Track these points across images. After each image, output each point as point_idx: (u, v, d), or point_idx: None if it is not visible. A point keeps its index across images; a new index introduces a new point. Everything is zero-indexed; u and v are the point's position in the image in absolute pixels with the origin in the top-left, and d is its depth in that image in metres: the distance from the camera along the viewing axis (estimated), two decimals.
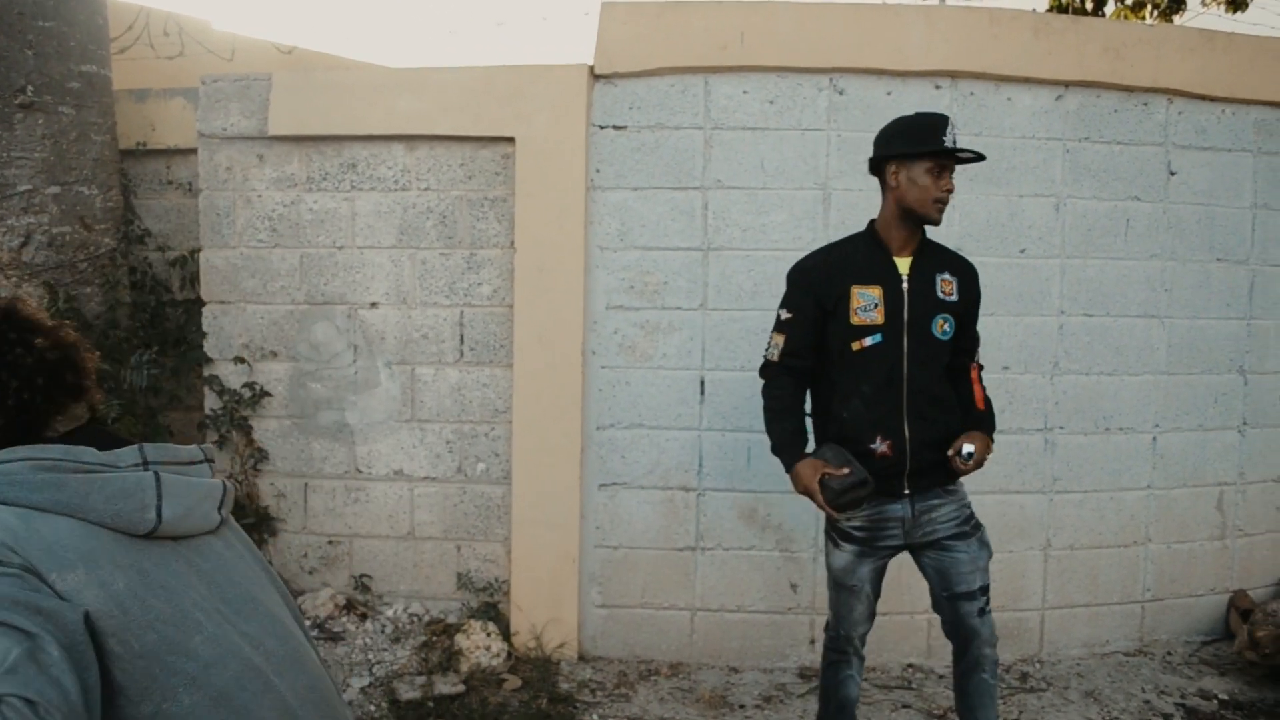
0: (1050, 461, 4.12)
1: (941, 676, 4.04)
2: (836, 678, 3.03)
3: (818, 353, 2.87)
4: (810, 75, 3.99)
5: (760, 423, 3.94)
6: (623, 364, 4.02)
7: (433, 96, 4.07)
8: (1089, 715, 3.75)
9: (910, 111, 3.94)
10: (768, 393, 2.94)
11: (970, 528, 2.90)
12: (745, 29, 3.94)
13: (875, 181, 3.96)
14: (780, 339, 2.88)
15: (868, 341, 2.80)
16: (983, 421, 2.94)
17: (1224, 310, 4.29)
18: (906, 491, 2.83)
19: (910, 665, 4.11)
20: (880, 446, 2.79)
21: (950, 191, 2.83)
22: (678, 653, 4.05)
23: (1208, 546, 4.38)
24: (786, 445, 2.85)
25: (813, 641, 4.07)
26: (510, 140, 4.05)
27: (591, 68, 4.01)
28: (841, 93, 4.00)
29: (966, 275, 2.97)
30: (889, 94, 4.01)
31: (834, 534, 2.92)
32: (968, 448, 2.80)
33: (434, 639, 3.88)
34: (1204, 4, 8.41)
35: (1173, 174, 4.18)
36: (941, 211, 2.84)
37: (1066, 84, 4.07)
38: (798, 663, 4.08)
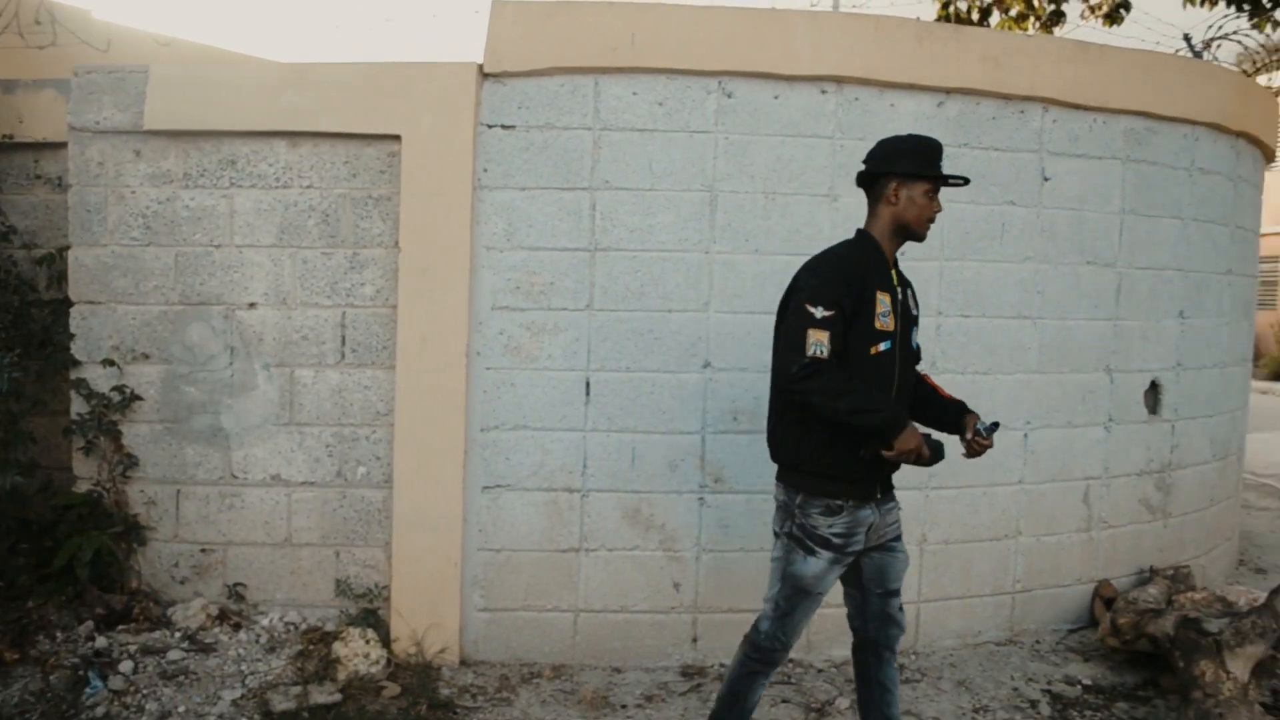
0: None
1: (820, 670, 4.15)
2: (752, 685, 3.06)
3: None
4: (699, 78, 4.01)
5: (644, 423, 4.02)
6: (508, 365, 4.00)
7: (316, 92, 3.97)
8: (960, 704, 3.89)
9: (797, 114, 4.03)
10: (830, 385, 2.71)
11: (900, 527, 3.08)
12: (636, 30, 3.94)
13: (760, 184, 4.04)
14: (825, 335, 2.73)
15: (882, 347, 2.85)
16: (964, 405, 3.07)
17: (1092, 311, 4.47)
18: (878, 496, 2.95)
19: (790, 660, 4.21)
20: (868, 454, 2.83)
21: (939, 212, 2.96)
22: (561, 655, 4.08)
23: (1075, 538, 4.57)
24: (890, 410, 2.75)
25: (695, 640, 4.14)
26: (396, 138, 3.98)
27: (481, 66, 3.96)
28: (730, 96, 4.03)
29: (914, 290, 3.12)
30: (776, 98, 4.05)
31: (809, 542, 2.89)
32: (983, 424, 2.93)
33: (311, 648, 3.83)
34: (1083, 17, 8.69)
35: (1047, 180, 4.32)
36: (928, 231, 2.98)
37: (948, 91, 4.17)
38: (680, 661, 4.15)
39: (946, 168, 4.09)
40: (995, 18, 8.89)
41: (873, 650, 3.12)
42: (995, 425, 2.93)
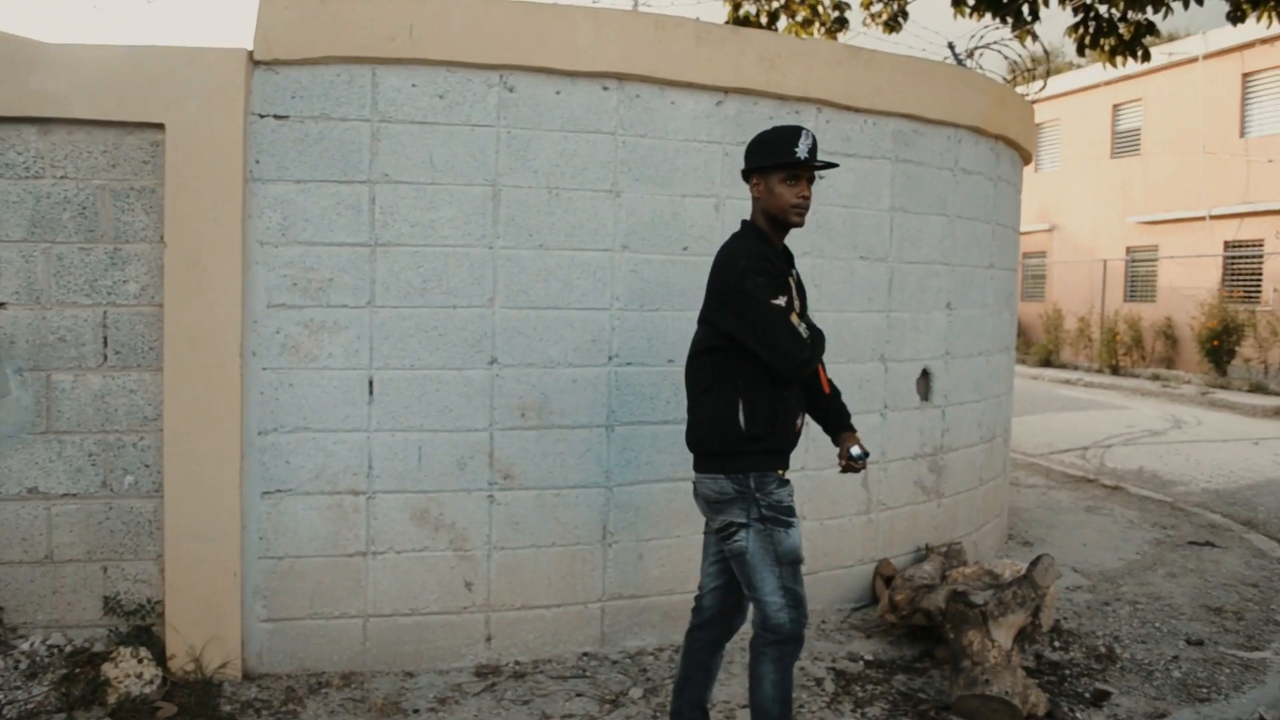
0: None
1: (615, 662, 4.21)
2: (791, 676, 3.02)
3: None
4: (480, 71, 3.99)
5: (431, 422, 3.98)
6: (286, 365, 3.88)
7: (70, 76, 3.73)
8: (744, 686, 4.02)
9: (579, 110, 4.07)
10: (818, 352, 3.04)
11: None
12: (414, 21, 3.88)
13: (544, 179, 4.08)
14: (795, 317, 2.95)
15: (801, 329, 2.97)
16: (844, 413, 3.32)
17: (866, 304, 4.70)
18: None
19: (585, 654, 4.25)
20: (799, 425, 3.10)
21: (806, 198, 3.02)
22: (351, 662, 3.98)
23: (856, 521, 4.81)
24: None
25: (489, 639, 4.12)
26: (159, 127, 3.79)
27: (251, 53, 3.82)
28: (511, 90, 4.03)
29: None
30: (558, 93, 4.08)
31: (782, 516, 2.99)
32: (856, 450, 3.16)
33: (77, 671, 3.60)
34: (865, 24, 9.15)
35: (821, 178, 4.51)
36: (801, 216, 3.04)
37: (726, 90, 4.30)
38: (474, 661, 4.12)
39: (729, 165, 4.25)
40: (783, 22, 9.24)
41: (714, 635, 3.25)
42: (866, 454, 3.20)
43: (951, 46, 5.81)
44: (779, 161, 2.99)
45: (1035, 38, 9.21)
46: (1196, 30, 20.66)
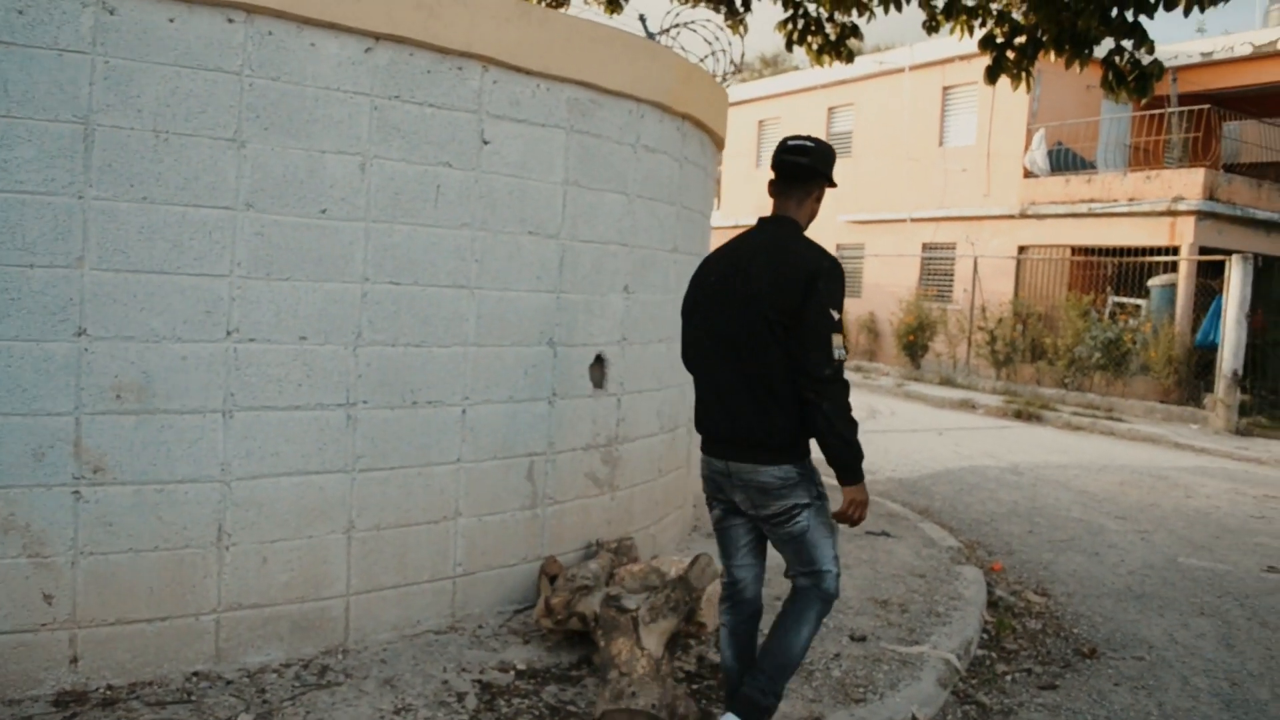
0: (353, 438, 3.93)
1: (230, 682, 3.69)
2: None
3: None
4: None
5: None
6: None
7: None
8: (381, 706, 3.62)
9: (197, 43, 3.51)
10: (846, 398, 3.11)
11: None
12: None
13: (150, 120, 3.52)
14: (840, 339, 3.06)
15: None
16: None
17: (535, 283, 4.40)
18: None
19: (195, 674, 3.71)
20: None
21: None
22: None
23: (519, 516, 4.50)
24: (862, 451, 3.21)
25: (74, 661, 3.50)
26: None
27: None
28: (113, 12, 3.41)
29: None
30: (172, 20, 3.49)
31: (820, 490, 3.24)
32: None
33: None
34: (586, 1, 8.91)
35: (486, 143, 4.16)
36: None
37: (377, 36, 3.86)
38: (55, 688, 3.49)
39: (378, 120, 3.84)
40: None
41: (757, 621, 3.54)
42: None
43: (642, 19, 5.61)
44: (833, 179, 3.36)
45: (746, 29, 9.29)
46: (907, 42, 22.00)
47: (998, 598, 5.55)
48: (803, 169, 3.28)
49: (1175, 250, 16.22)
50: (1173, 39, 17.06)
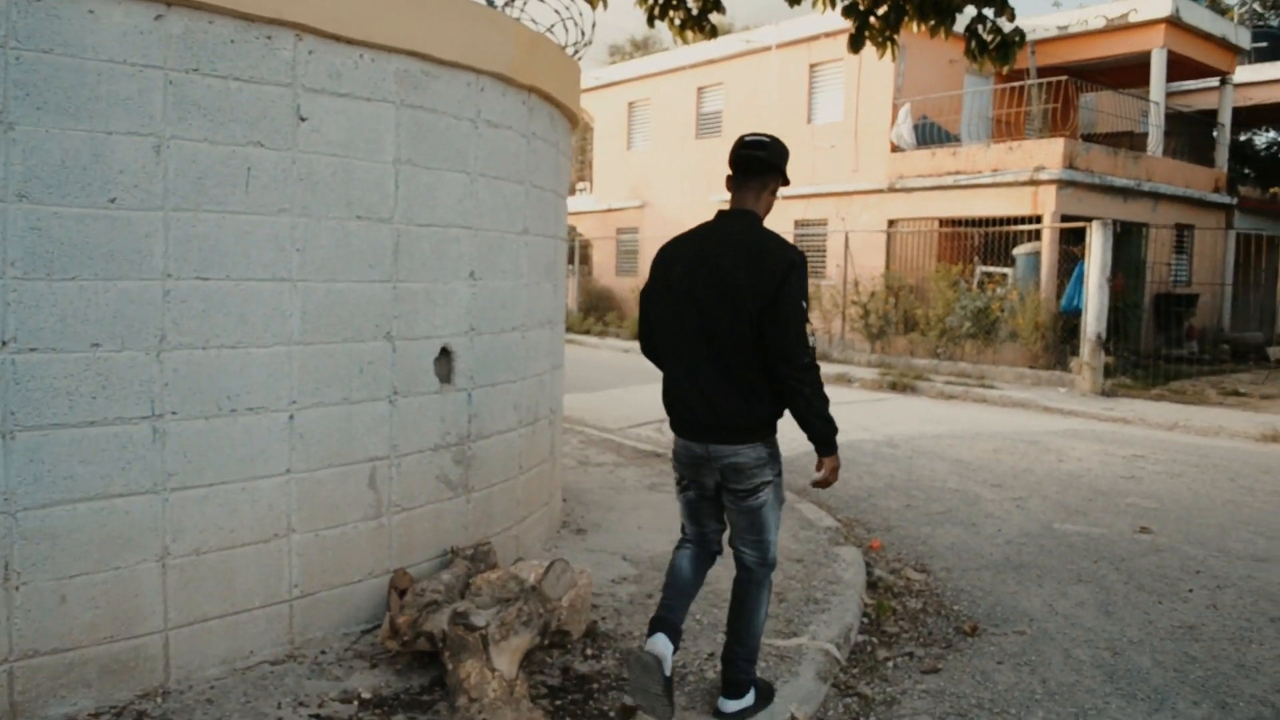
0: (162, 454, 3.51)
1: None
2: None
3: None
4: None
5: None
6: None
7: None
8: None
9: None
10: (819, 381, 3.39)
11: None
12: None
13: None
14: (809, 327, 3.38)
15: None
16: None
17: (367, 273, 4.04)
18: None
19: None
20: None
21: None
22: None
23: (363, 528, 4.14)
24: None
25: None
26: None
27: None
28: None
29: None
30: None
31: (780, 467, 3.56)
32: None
33: None
34: None
35: (304, 120, 3.78)
36: None
37: (169, 2, 3.43)
38: None
39: (174, 97, 3.44)
40: None
41: (709, 564, 3.76)
42: None
43: None
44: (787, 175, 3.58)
45: (605, 5, 8.98)
46: (773, 20, 22.01)
47: (877, 578, 5.41)
48: (760, 163, 3.47)
49: (1039, 219, 16.57)
50: (1031, 13, 17.51)
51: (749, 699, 3.61)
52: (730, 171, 3.53)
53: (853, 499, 7.51)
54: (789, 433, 3.62)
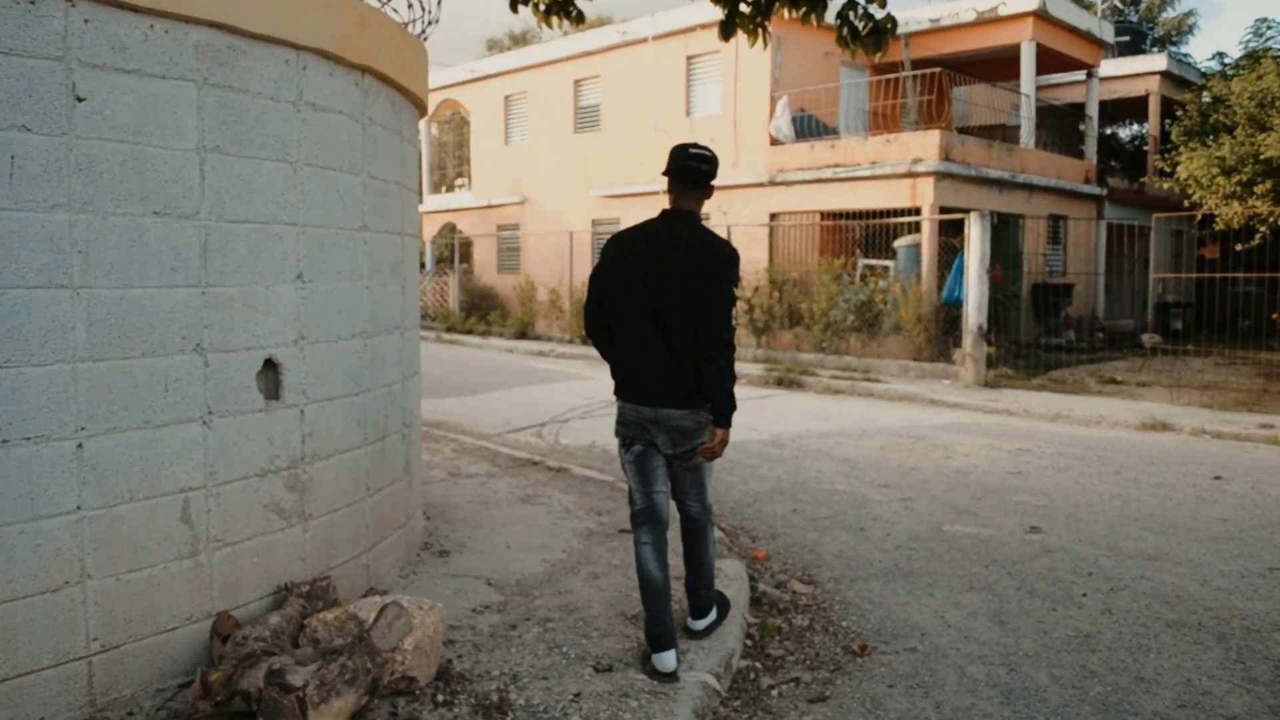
0: None
1: None
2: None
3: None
4: None
5: None
6: None
7: None
8: None
9: None
10: (733, 359, 3.91)
11: None
12: None
13: None
14: (735, 312, 3.95)
15: None
16: None
17: (169, 277, 3.54)
18: None
19: None
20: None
21: None
22: None
23: (176, 568, 3.65)
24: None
25: None
26: None
27: None
28: None
29: None
30: None
31: None
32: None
33: None
34: None
35: (81, 100, 3.27)
36: None
37: None
38: None
39: None
40: None
41: (666, 532, 4.21)
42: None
43: None
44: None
45: None
46: (648, 12, 21.74)
47: (761, 593, 5.10)
48: (704, 174, 4.07)
49: (918, 211, 16.65)
50: (904, 5, 17.63)
51: (713, 615, 4.39)
52: (671, 175, 4.06)
53: (738, 504, 7.22)
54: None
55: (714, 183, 4.16)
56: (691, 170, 4.06)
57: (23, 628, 3.24)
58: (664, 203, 4.12)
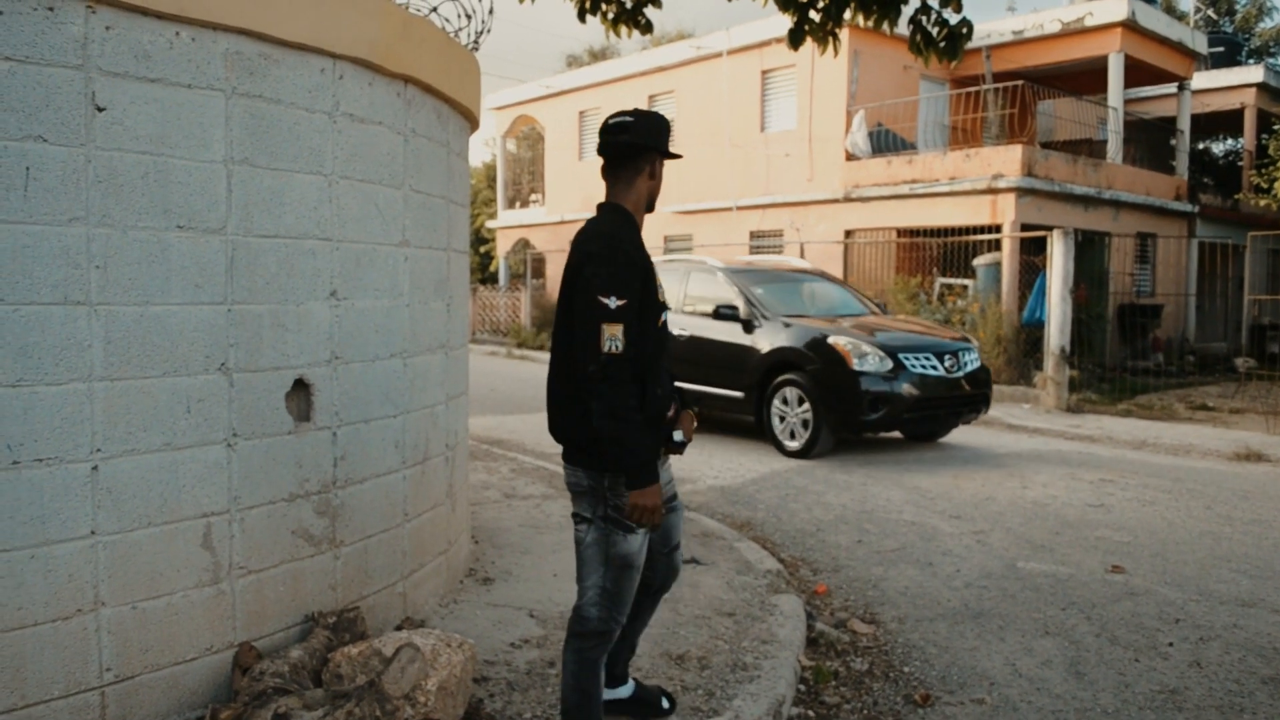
0: None
1: None
2: (598, 672, 3.11)
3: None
4: None
5: None
6: None
7: None
8: None
9: None
10: (616, 396, 2.83)
11: (675, 485, 3.40)
12: None
13: None
14: (619, 329, 2.83)
15: (665, 317, 3.13)
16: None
17: (192, 294, 3.41)
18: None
19: None
20: (670, 412, 3.17)
21: None
22: None
23: (197, 596, 3.51)
24: (653, 460, 2.90)
25: None
26: None
27: None
28: None
29: None
30: None
31: (626, 520, 2.96)
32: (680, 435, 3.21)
33: None
34: None
35: (101, 110, 3.16)
36: None
37: None
38: None
39: None
40: None
41: (651, 596, 3.47)
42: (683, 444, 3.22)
43: None
44: (669, 149, 3.14)
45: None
46: (721, 27, 21.58)
47: (819, 633, 4.82)
48: (625, 147, 3.10)
49: (998, 228, 16.18)
50: (985, 17, 17.16)
51: None
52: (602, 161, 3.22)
53: (800, 534, 6.94)
54: (734, 460, 3.05)
55: (646, 160, 3.12)
56: (608, 146, 3.12)
57: (32, 656, 3.12)
58: (739, 220, 3.76)
